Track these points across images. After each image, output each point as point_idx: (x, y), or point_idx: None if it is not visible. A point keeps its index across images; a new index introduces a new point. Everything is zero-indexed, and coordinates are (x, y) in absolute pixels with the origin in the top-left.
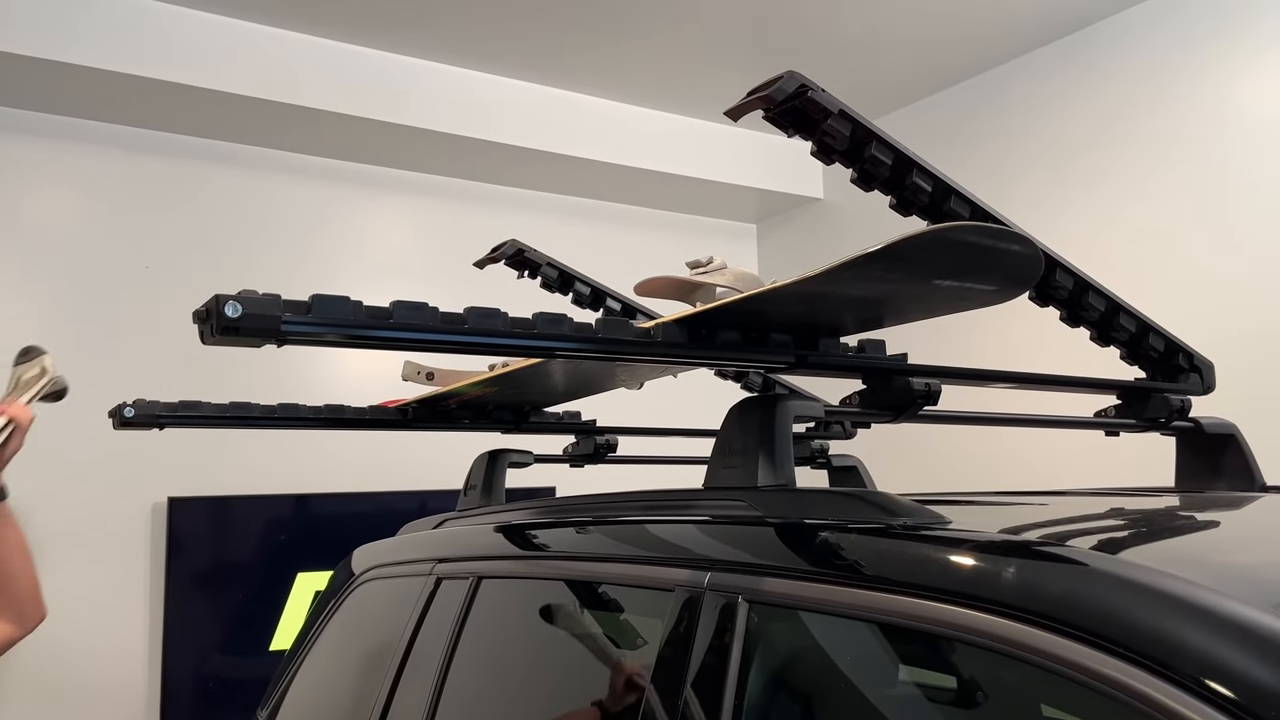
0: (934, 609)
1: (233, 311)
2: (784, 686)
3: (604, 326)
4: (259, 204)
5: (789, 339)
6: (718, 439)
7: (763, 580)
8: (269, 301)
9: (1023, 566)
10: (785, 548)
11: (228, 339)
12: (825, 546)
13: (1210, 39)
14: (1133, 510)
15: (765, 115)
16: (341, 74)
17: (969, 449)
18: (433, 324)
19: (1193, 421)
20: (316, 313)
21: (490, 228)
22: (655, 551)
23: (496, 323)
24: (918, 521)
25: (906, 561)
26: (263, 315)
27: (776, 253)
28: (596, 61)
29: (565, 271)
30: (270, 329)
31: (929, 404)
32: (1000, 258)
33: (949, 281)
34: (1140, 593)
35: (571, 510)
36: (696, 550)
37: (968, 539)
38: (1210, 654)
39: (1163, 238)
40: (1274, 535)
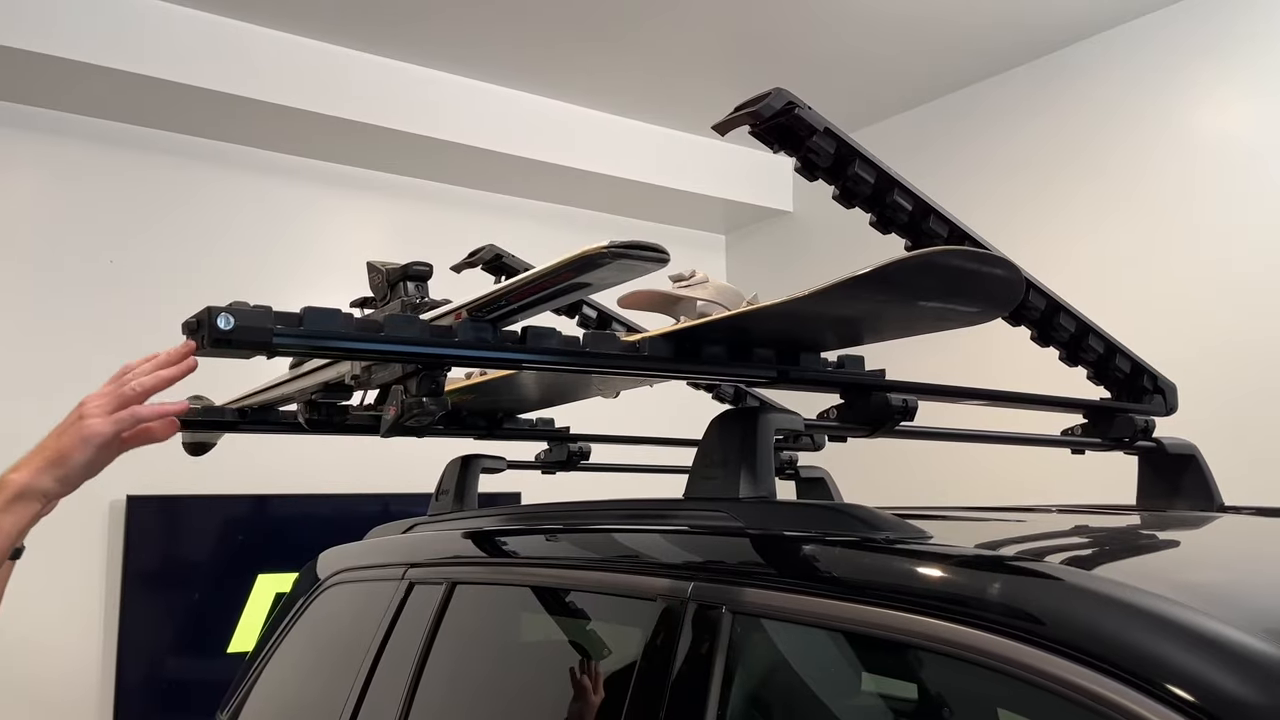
0: (920, 623)
1: (225, 324)
2: (767, 697)
3: (592, 341)
4: (226, 200)
5: (772, 354)
6: (699, 450)
7: (746, 591)
8: (261, 314)
9: (1004, 582)
10: (770, 559)
11: (219, 350)
12: (811, 559)
13: (1179, 66)
14: (1104, 528)
15: (752, 130)
16: (314, 72)
17: (936, 463)
18: (423, 337)
19: (1155, 441)
20: (308, 325)
21: (459, 231)
22: (636, 560)
23: (486, 336)
24: (901, 536)
25: (892, 575)
26: (255, 328)
27: (745, 264)
28: (571, 68)
29: None
30: (262, 341)
31: (905, 419)
32: (984, 281)
33: (933, 303)
34: (1124, 611)
35: (550, 517)
36: (679, 560)
37: (954, 554)
38: (1189, 669)
39: (1129, 258)
40: (1242, 553)
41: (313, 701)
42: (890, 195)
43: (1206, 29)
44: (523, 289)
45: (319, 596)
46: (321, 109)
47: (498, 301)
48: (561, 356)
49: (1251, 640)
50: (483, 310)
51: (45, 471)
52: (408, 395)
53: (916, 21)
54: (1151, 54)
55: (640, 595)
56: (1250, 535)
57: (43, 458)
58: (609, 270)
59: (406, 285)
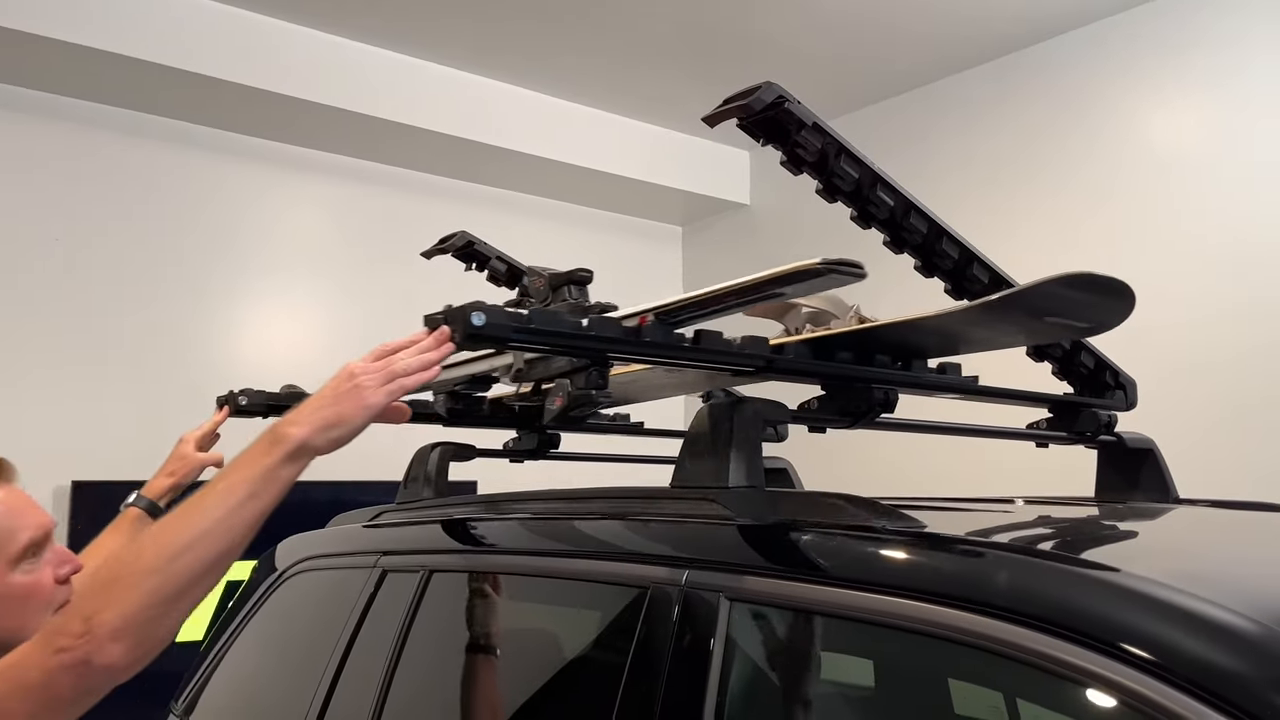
0: (927, 610)
1: (478, 320)
2: (767, 685)
3: (751, 344)
4: (179, 179)
5: (889, 359)
6: (686, 439)
7: (744, 579)
8: (503, 313)
9: (1012, 569)
10: (770, 548)
11: (470, 344)
12: (810, 548)
13: (1140, 66)
14: (1087, 519)
15: (740, 123)
16: (272, 51)
17: (894, 454)
18: (621, 337)
19: (1116, 436)
20: (536, 323)
21: (409, 215)
22: (627, 548)
23: (670, 338)
24: (898, 525)
25: (898, 564)
26: (499, 324)
27: (701, 256)
28: (530, 54)
29: (514, 266)
30: (504, 337)
31: (886, 411)
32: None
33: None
34: (1140, 600)
35: (533, 504)
36: (672, 548)
37: (961, 543)
38: (1216, 660)
39: (1090, 254)
40: (1209, 542)
41: (278, 691)
42: (873, 191)
43: (1168, 30)
44: (721, 295)
45: (280, 586)
46: (275, 88)
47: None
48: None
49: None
50: (670, 314)
51: (322, 431)
52: (575, 388)
53: (878, 16)
54: (1114, 54)
55: (632, 584)
56: (1211, 525)
57: (321, 417)
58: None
59: (570, 289)
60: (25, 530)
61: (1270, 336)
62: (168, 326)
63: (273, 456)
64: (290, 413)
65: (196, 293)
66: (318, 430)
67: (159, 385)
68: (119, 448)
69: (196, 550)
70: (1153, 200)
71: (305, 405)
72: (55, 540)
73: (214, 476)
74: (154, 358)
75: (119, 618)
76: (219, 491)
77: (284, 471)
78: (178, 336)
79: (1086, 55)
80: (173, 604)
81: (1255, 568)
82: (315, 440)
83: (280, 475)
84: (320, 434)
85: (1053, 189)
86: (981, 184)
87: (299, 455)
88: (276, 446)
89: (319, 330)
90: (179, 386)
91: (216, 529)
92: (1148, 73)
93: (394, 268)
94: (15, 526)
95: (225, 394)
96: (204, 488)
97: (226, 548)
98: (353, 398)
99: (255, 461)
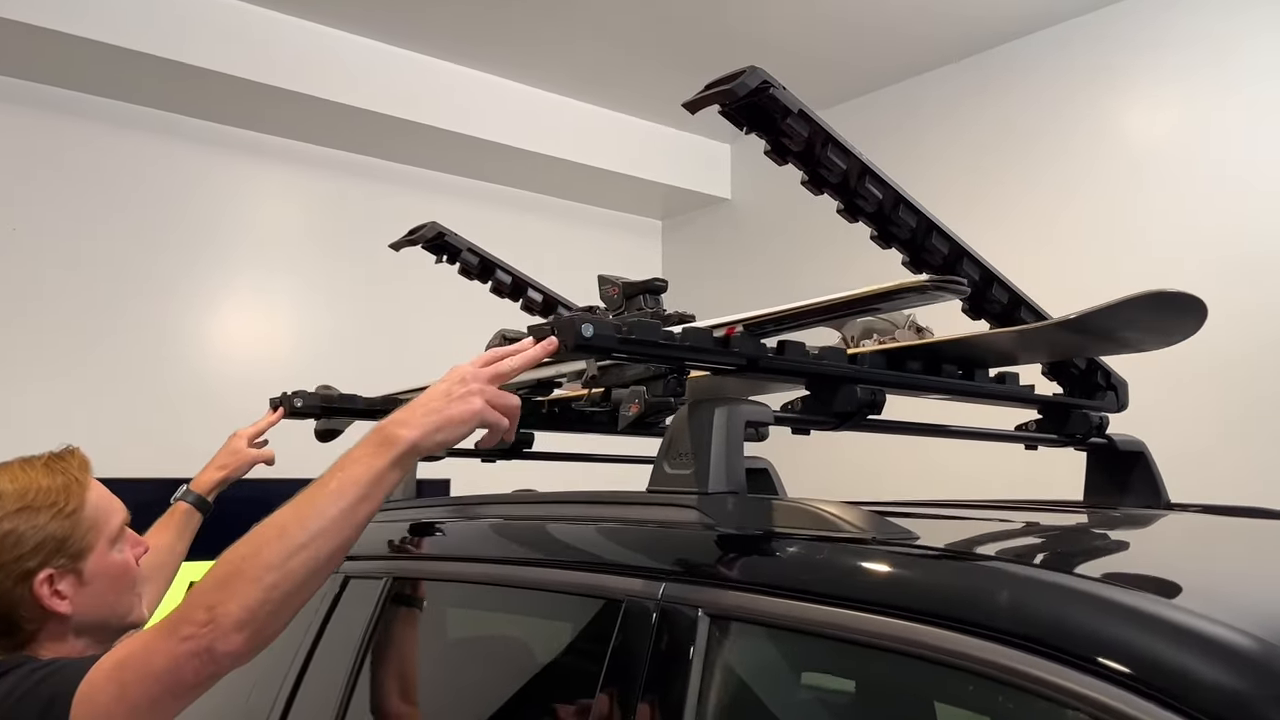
0: (919, 631)
1: (587, 332)
2: (749, 709)
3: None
4: (140, 166)
5: (955, 368)
6: (665, 441)
7: (726, 594)
8: (609, 324)
9: (1014, 587)
10: (753, 559)
11: (577, 354)
12: (796, 560)
13: (1115, 64)
14: (1067, 526)
15: (723, 110)
16: (247, 38)
17: (875, 456)
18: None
19: (1106, 438)
20: (636, 334)
21: (386, 208)
22: (601, 557)
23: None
24: (887, 536)
25: (891, 580)
26: (605, 335)
27: (681, 251)
28: (509, 43)
29: (486, 259)
30: (611, 347)
31: (873, 412)
32: (1182, 318)
33: (1127, 335)
34: (1131, 616)
35: (503, 509)
36: (649, 558)
37: (951, 556)
38: (1222, 683)
39: (1070, 252)
40: (1203, 550)
41: (237, 703)
42: (861, 184)
43: (1141, 28)
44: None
45: None
46: (249, 75)
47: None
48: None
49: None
50: (758, 325)
51: (432, 435)
52: (653, 395)
53: (857, 12)
54: (1088, 51)
55: (606, 596)
56: (1205, 532)
57: (433, 421)
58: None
59: (645, 298)
60: (117, 514)
61: (1256, 333)
62: (138, 321)
63: (383, 459)
64: (398, 413)
65: (162, 285)
66: (428, 433)
67: (132, 381)
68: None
69: (310, 549)
70: (1125, 196)
71: (415, 407)
72: None
73: (323, 474)
74: (127, 353)
75: (242, 609)
76: (331, 492)
77: (392, 474)
78: (149, 331)
79: (1061, 52)
80: (289, 598)
81: (1249, 579)
82: (424, 443)
83: (389, 478)
84: (429, 437)
85: (1029, 184)
86: (957, 180)
87: (408, 458)
88: (386, 448)
89: (297, 324)
90: (153, 382)
91: (330, 528)
92: (1121, 70)
93: (375, 260)
94: (110, 509)
95: (279, 396)
96: (314, 485)
97: (338, 546)
98: (467, 405)
99: (365, 462)
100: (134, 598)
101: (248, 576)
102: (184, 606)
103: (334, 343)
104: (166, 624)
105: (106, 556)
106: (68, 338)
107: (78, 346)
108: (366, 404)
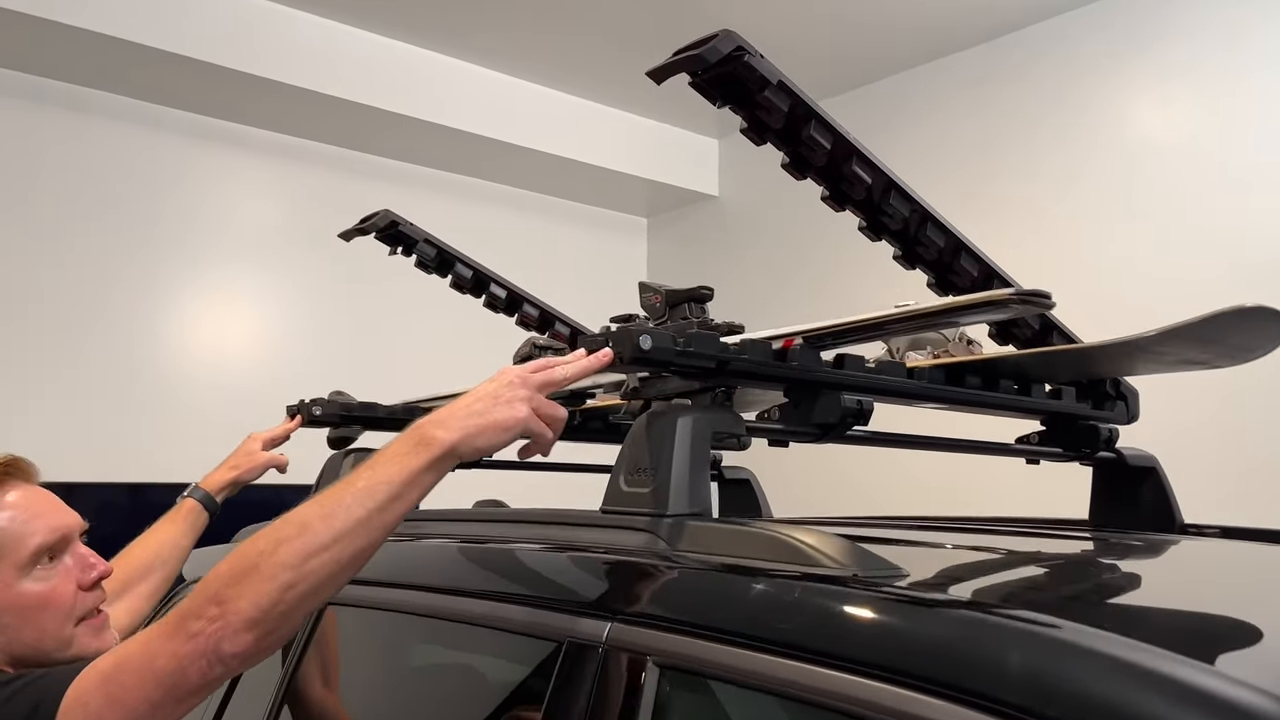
0: (901, 698)
1: (645, 344)
2: None
3: (888, 369)
4: (110, 154)
5: (1012, 384)
6: (622, 453)
7: (679, 640)
8: (667, 337)
9: (1025, 648)
10: (711, 599)
11: (635, 366)
12: (760, 602)
13: (1117, 57)
14: (1074, 558)
15: (693, 81)
16: (215, 21)
17: (869, 464)
18: (764, 359)
19: (1115, 452)
20: (695, 346)
21: (355, 201)
22: (542, 591)
23: (817, 362)
24: (870, 574)
25: (870, 630)
26: (664, 348)
27: (668, 249)
28: (488, 30)
29: (445, 251)
30: (669, 360)
31: (860, 423)
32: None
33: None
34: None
35: (446, 526)
36: (594, 593)
37: (949, 604)
38: None
39: (1070, 249)
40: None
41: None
42: (848, 166)
43: (1139, 21)
44: (882, 322)
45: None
46: (218, 60)
47: (839, 331)
48: (868, 381)
49: None
50: (817, 338)
51: (472, 439)
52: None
53: (855, 3)
54: (1085, 44)
55: (545, 635)
56: (1227, 564)
57: (476, 424)
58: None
59: (691, 306)
60: (35, 535)
61: None
62: (111, 319)
63: (418, 459)
64: (439, 412)
65: (135, 281)
66: (468, 437)
67: (100, 381)
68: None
69: (333, 551)
70: (1126, 190)
71: (456, 408)
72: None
73: (352, 472)
74: (100, 353)
75: (254, 608)
76: (359, 491)
77: (427, 477)
78: (119, 330)
79: (1057, 45)
80: (304, 600)
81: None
82: (463, 447)
83: (423, 480)
84: (469, 441)
85: (1024, 178)
86: (951, 173)
87: (445, 460)
88: (422, 449)
89: (277, 321)
90: (125, 381)
91: (355, 530)
92: (1125, 61)
93: (355, 257)
94: (24, 531)
95: (297, 403)
96: (342, 483)
97: (362, 549)
98: (511, 411)
99: (399, 462)
100: (70, 631)
101: (263, 573)
102: (192, 601)
103: (313, 342)
104: (171, 621)
105: (13, 588)
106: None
107: (46, 344)
108: (387, 412)
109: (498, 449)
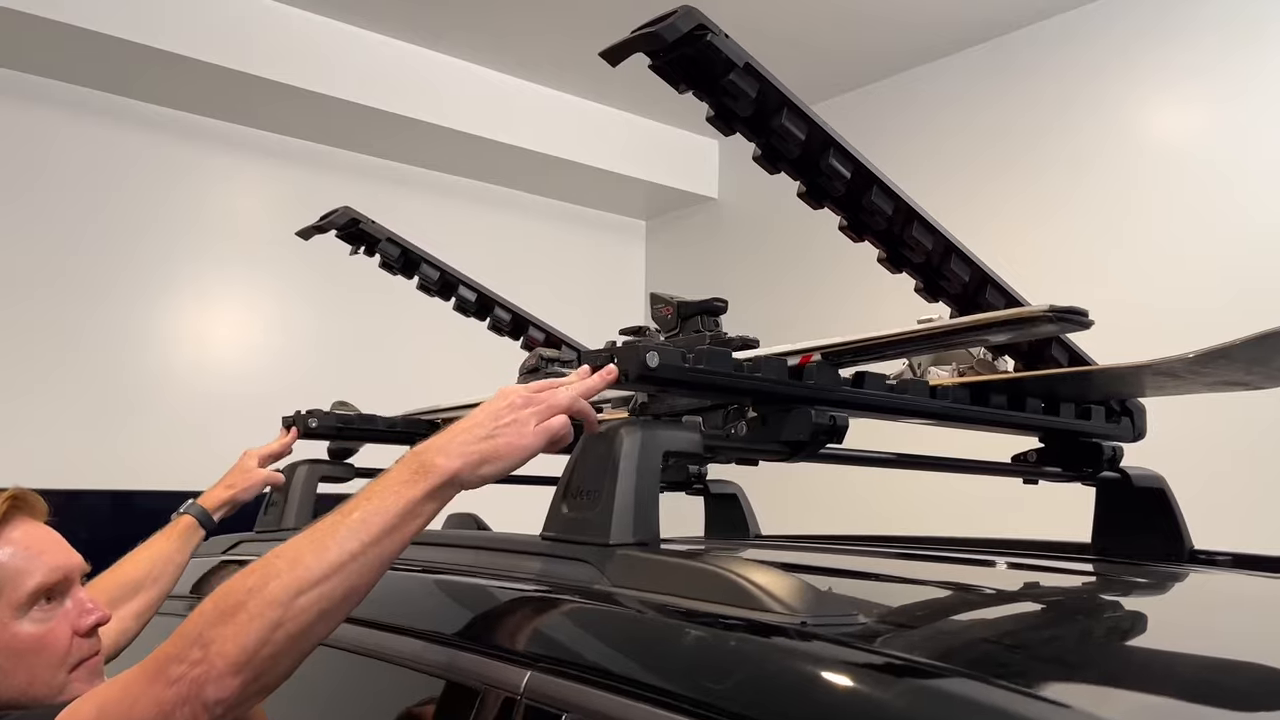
0: None
1: (652, 362)
2: None
3: (911, 387)
4: (109, 154)
5: (1039, 403)
6: (564, 473)
7: (601, 696)
8: (675, 354)
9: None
10: (641, 648)
11: (642, 385)
12: (693, 653)
13: (1124, 54)
14: (1092, 595)
15: (653, 64)
16: (204, 18)
17: (861, 473)
18: (781, 377)
19: (1120, 472)
20: (706, 364)
21: (360, 202)
22: (463, 630)
23: (834, 380)
24: (820, 620)
25: (805, 693)
26: (672, 365)
27: (666, 253)
28: (483, 28)
29: (410, 251)
30: (677, 379)
31: (833, 440)
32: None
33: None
34: None
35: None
36: (516, 636)
37: (891, 663)
38: None
39: (1073, 250)
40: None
41: None
42: (825, 159)
43: (1146, 19)
44: (915, 337)
45: None
46: (208, 58)
47: (858, 348)
48: (889, 400)
49: None
50: (836, 354)
51: (476, 467)
52: (710, 427)
53: (850, 2)
54: (1091, 43)
55: (462, 681)
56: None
57: (477, 451)
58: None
59: (703, 319)
60: (34, 574)
61: None
62: (96, 323)
63: (417, 489)
64: (438, 437)
65: (119, 284)
66: (471, 465)
67: (95, 386)
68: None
69: (324, 587)
70: (1128, 189)
71: (456, 432)
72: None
73: (347, 502)
74: (87, 356)
75: (239, 650)
76: (353, 523)
77: (428, 506)
78: (101, 335)
79: (1065, 43)
80: (294, 642)
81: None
82: (466, 475)
83: (424, 510)
84: (473, 469)
85: (1028, 179)
86: (953, 174)
87: (446, 490)
88: (422, 478)
89: (271, 325)
90: (114, 387)
91: (349, 564)
92: (1134, 59)
93: (351, 258)
94: (23, 569)
95: (293, 415)
96: (337, 514)
97: (356, 585)
98: (515, 438)
99: (396, 492)
100: (63, 677)
101: (250, 611)
102: (176, 641)
103: (316, 349)
104: (153, 664)
105: (9, 628)
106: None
107: (39, 348)
108: (386, 425)
109: (503, 474)
